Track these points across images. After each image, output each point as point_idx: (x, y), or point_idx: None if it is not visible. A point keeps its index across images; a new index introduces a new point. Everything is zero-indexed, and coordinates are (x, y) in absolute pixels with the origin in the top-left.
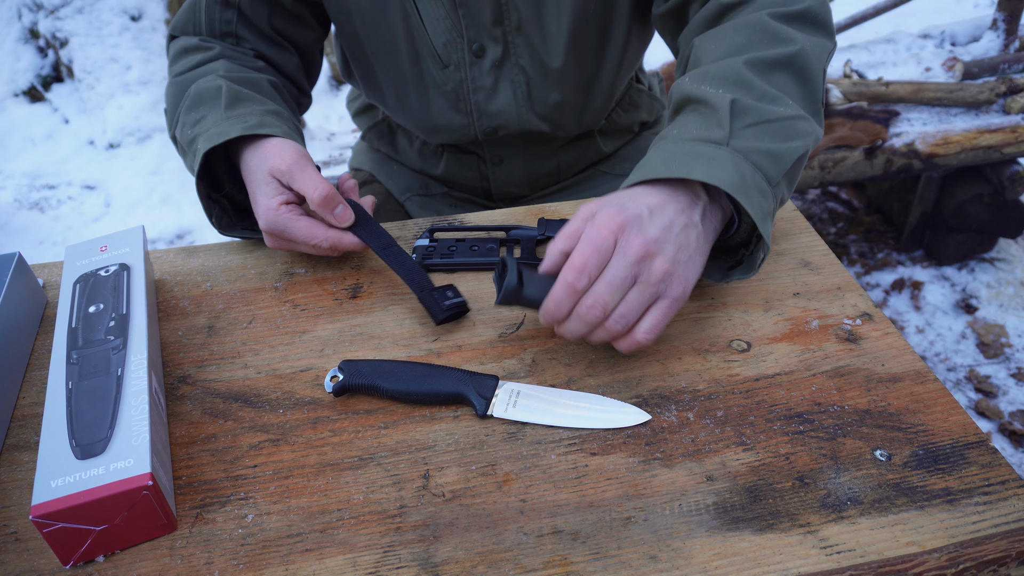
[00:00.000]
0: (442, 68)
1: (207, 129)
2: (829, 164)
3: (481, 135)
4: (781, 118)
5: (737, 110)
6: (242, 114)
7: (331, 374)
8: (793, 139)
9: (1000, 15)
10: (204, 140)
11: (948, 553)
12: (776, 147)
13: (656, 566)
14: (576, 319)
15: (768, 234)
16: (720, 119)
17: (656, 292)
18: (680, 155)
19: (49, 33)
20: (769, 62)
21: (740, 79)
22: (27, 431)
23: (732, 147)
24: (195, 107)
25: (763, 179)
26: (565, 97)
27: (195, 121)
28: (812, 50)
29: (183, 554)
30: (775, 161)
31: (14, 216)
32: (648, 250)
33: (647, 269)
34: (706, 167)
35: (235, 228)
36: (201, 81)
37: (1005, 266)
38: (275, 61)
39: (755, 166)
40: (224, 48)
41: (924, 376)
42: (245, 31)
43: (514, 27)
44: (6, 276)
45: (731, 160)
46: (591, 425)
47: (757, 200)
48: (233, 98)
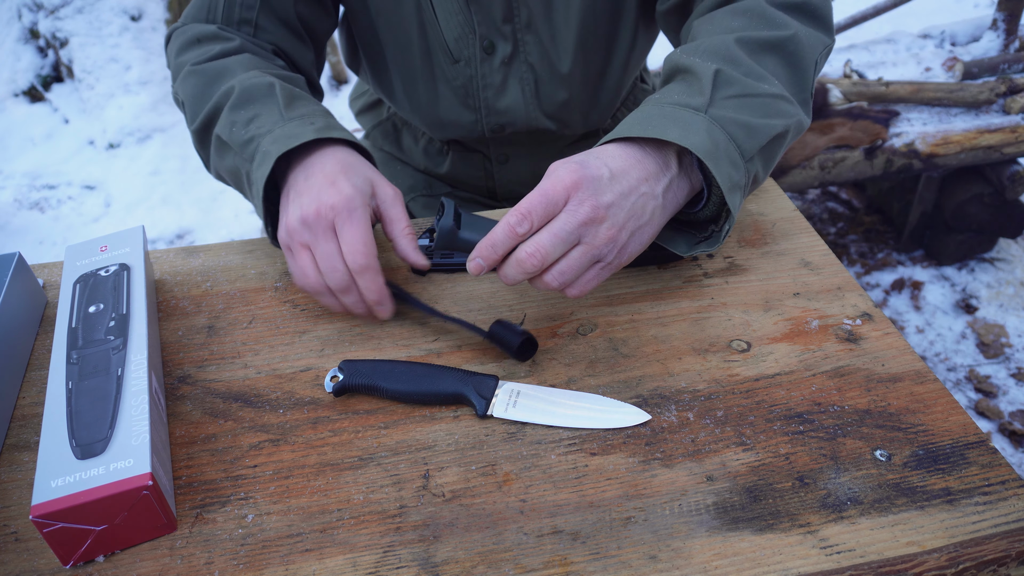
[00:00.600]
0: (452, 63)
1: (270, 129)
2: (829, 164)
3: (488, 132)
4: (764, 95)
5: (720, 80)
6: (305, 115)
7: (331, 374)
8: (773, 117)
9: (1000, 15)
10: (272, 141)
11: (948, 553)
12: (754, 121)
13: (656, 566)
14: (514, 264)
15: (736, 207)
16: (702, 87)
17: (597, 256)
18: (657, 117)
19: (49, 33)
20: (760, 43)
21: (729, 55)
22: (27, 431)
23: (710, 115)
24: (244, 104)
25: (736, 151)
26: (572, 96)
27: (248, 120)
28: (806, 39)
29: (183, 554)
30: (751, 134)
31: (14, 216)
32: (597, 214)
33: (592, 232)
34: (680, 130)
35: None
36: (246, 76)
37: (1005, 266)
38: (292, 56)
39: (730, 136)
40: (244, 41)
41: (924, 376)
42: (266, 19)
43: (524, 24)
44: (6, 276)
45: (706, 126)
46: (591, 425)
47: (727, 169)
48: (289, 97)
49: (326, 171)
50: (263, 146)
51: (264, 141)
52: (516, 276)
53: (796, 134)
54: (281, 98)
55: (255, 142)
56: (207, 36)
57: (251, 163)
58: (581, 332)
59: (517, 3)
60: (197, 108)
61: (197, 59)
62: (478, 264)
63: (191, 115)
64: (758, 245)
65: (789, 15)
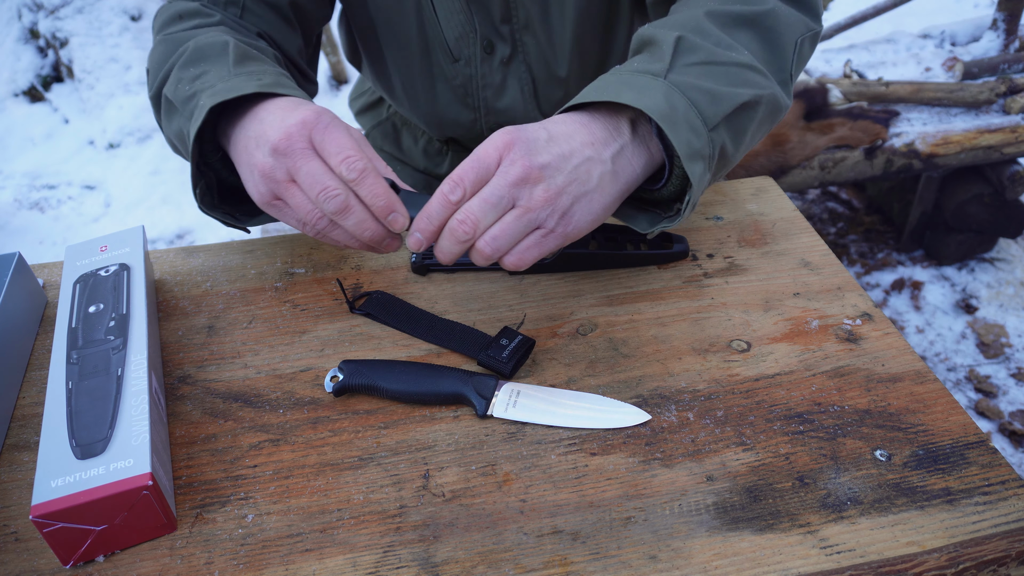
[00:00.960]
0: (452, 62)
1: (212, 84)
2: (829, 164)
3: (487, 131)
4: (730, 63)
5: (683, 47)
6: (254, 71)
7: (331, 374)
8: (740, 86)
9: (1000, 15)
10: (210, 95)
11: (948, 553)
12: (719, 88)
13: (656, 566)
14: (447, 234)
15: (696, 177)
16: (663, 53)
17: (535, 220)
18: (614, 84)
19: (49, 33)
20: (732, 16)
21: (697, 26)
22: (27, 431)
23: (669, 80)
24: (194, 62)
25: (697, 117)
26: (570, 95)
27: (194, 77)
28: (785, 16)
29: (183, 554)
30: (714, 101)
31: (14, 216)
32: (530, 174)
33: (527, 194)
34: (635, 93)
35: (216, 209)
36: (201, 36)
37: (1005, 266)
38: (279, 42)
39: (691, 102)
40: (226, 18)
41: (924, 376)
42: (254, 2)
43: (522, 25)
44: (6, 276)
45: (664, 90)
46: (591, 425)
47: (686, 135)
48: (242, 55)
49: (280, 107)
50: (199, 98)
51: (203, 95)
52: (451, 248)
53: (771, 111)
54: (233, 55)
55: (196, 97)
56: (189, 12)
57: (189, 120)
58: (581, 332)
59: (515, 4)
60: (155, 74)
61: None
62: (416, 239)
63: (151, 83)
64: (758, 245)
65: None
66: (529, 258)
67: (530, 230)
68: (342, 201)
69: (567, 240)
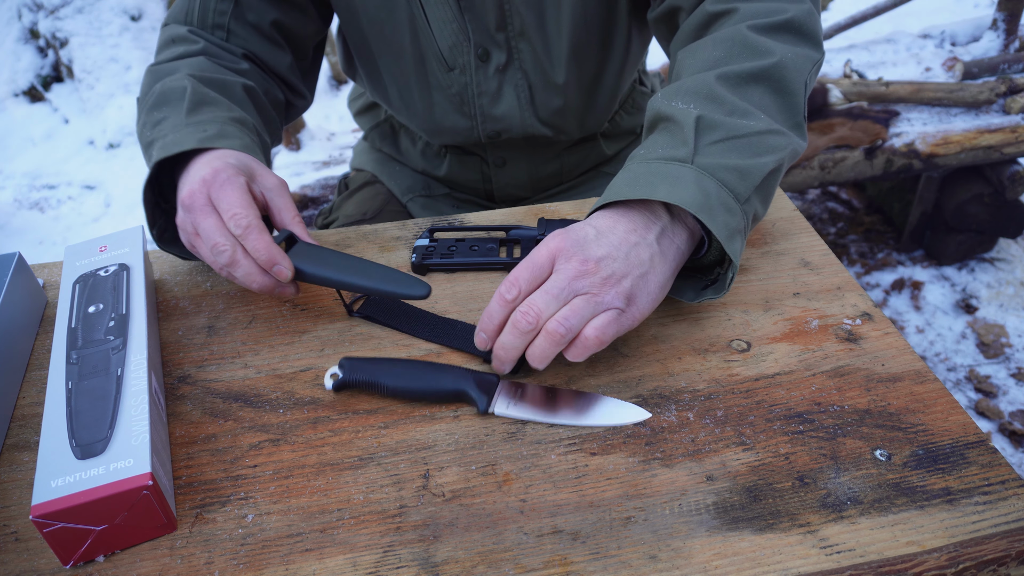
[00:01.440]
0: (447, 71)
1: (164, 135)
2: (829, 164)
3: (485, 138)
4: (750, 133)
5: (703, 126)
6: (202, 121)
7: (331, 372)
8: (763, 154)
9: (1000, 15)
10: (160, 148)
11: (948, 553)
12: (744, 163)
13: (656, 566)
14: (509, 328)
15: (736, 253)
16: (685, 136)
17: (603, 304)
18: (644, 176)
19: (49, 33)
20: (743, 76)
21: (711, 93)
22: (27, 431)
23: (696, 164)
24: (157, 107)
25: (730, 196)
26: (568, 102)
27: (155, 122)
28: (792, 62)
29: (183, 554)
30: (743, 177)
31: (14, 216)
32: (587, 267)
33: (588, 283)
34: (668, 187)
35: (175, 244)
36: (168, 80)
37: (1005, 266)
38: (266, 60)
39: (721, 183)
40: (210, 45)
41: (924, 376)
42: (237, 25)
43: (517, 32)
44: (6, 276)
45: (695, 178)
46: (592, 423)
47: (723, 218)
48: (197, 102)
49: (201, 162)
50: (153, 149)
51: (156, 146)
52: (512, 341)
53: (791, 161)
54: (188, 102)
55: (152, 147)
56: (179, 38)
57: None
58: None
59: (510, 11)
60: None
61: (160, 60)
62: (482, 338)
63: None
64: (758, 245)
65: (772, 38)
66: (609, 334)
67: (601, 311)
68: (229, 256)
69: (636, 323)
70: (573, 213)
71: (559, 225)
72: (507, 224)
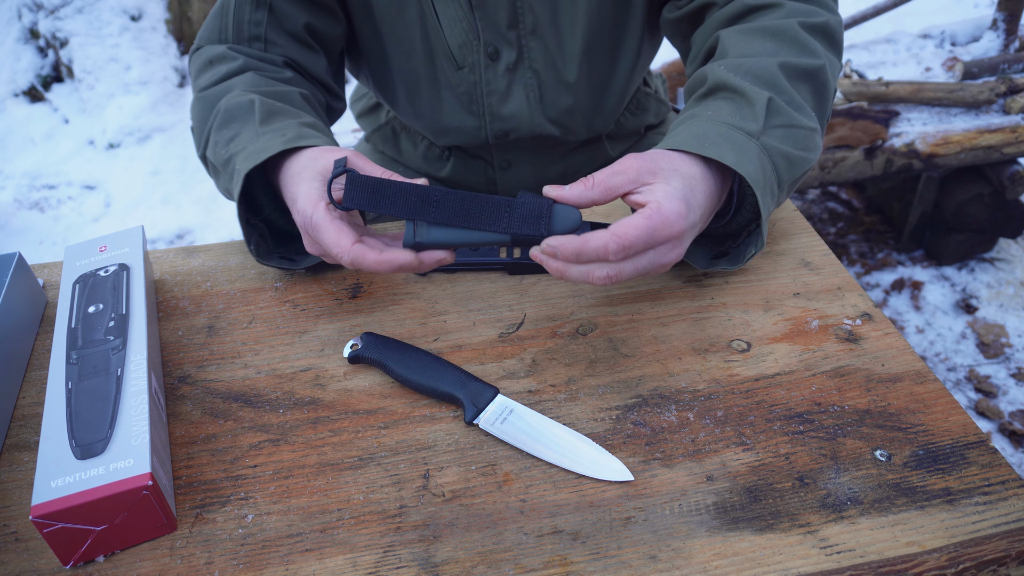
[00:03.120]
0: (456, 69)
1: (244, 147)
2: (829, 164)
3: (492, 138)
4: (804, 127)
5: (772, 108)
6: (279, 128)
7: (352, 342)
8: (809, 150)
9: (1000, 15)
10: (243, 159)
11: (948, 553)
12: (795, 153)
13: (656, 566)
14: (584, 273)
15: (764, 235)
16: (756, 113)
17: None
18: (713, 136)
19: (49, 33)
20: (799, 71)
21: (773, 81)
22: (27, 431)
23: (761, 143)
24: (227, 124)
25: (776, 181)
26: (577, 102)
27: (228, 139)
28: (831, 68)
29: (183, 554)
30: (790, 166)
31: (14, 216)
32: (677, 253)
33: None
34: (736, 154)
35: (272, 256)
36: (230, 96)
37: (1005, 266)
38: (305, 65)
39: (774, 166)
40: (250, 59)
41: (924, 376)
42: (275, 34)
43: (528, 30)
44: (6, 276)
45: (758, 154)
46: (571, 468)
47: (769, 202)
48: (267, 112)
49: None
50: (237, 164)
51: (238, 159)
52: (577, 278)
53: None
54: (259, 114)
55: (232, 161)
56: (217, 57)
57: (232, 181)
58: (581, 332)
59: (522, 9)
60: (199, 135)
61: (204, 84)
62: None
63: (196, 142)
64: None
65: (816, 39)
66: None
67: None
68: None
69: None
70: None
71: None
72: None
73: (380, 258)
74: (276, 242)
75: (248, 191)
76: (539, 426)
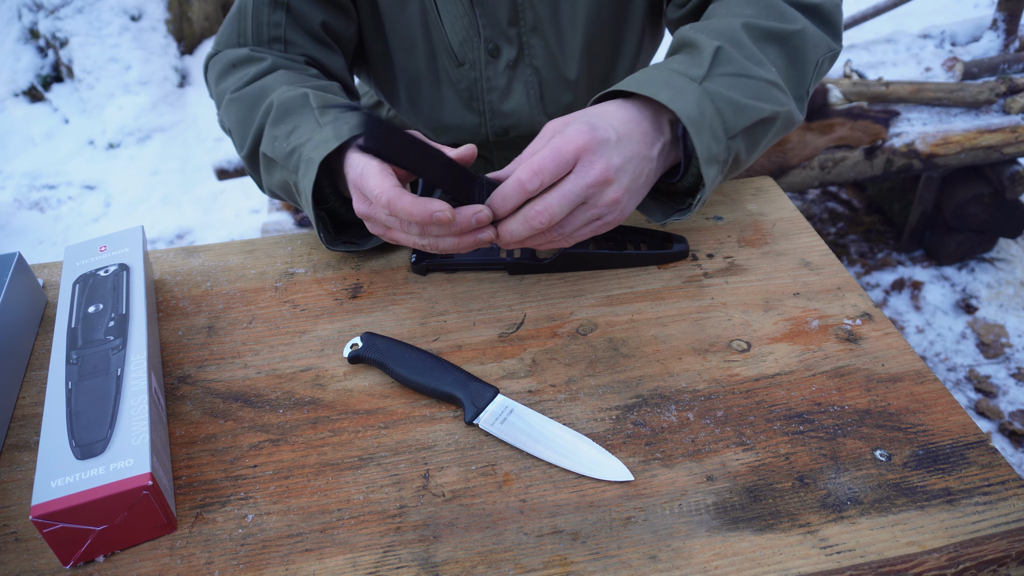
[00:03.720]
0: (457, 66)
1: (309, 137)
2: (829, 164)
3: (492, 136)
4: (758, 78)
5: (720, 58)
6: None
7: (352, 342)
8: (763, 100)
9: (1000, 15)
10: (311, 148)
11: (948, 553)
12: (744, 101)
13: (656, 566)
14: (521, 219)
15: (710, 179)
16: (702, 60)
17: (597, 215)
18: (654, 79)
19: (49, 33)
20: (766, 32)
21: (734, 37)
22: (27, 431)
23: (704, 87)
24: (283, 118)
25: (721, 126)
26: (577, 99)
27: (288, 133)
28: (812, 37)
29: (183, 554)
30: (738, 112)
31: (14, 216)
32: (607, 176)
33: (600, 194)
34: (671, 94)
35: (338, 242)
36: (280, 92)
37: (1005, 266)
38: (325, 64)
39: (718, 111)
40: (276, 57)
41: (924, 376)
42: (294, 34)
43: (529, 28)
44: (6, 276)
45: (697, 97)
46: (571, 468)
47: (708, 141)
48: (323, 105)
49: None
50: (305, 154)
51: (305, 149)
52: (520, 231)
53: (785, 126)
54: (315, 106)
55: (296, 152)
56: (241, 60)
57: (296, 173)
58: (581, 332)
59: (523, 6)
60: (244, 134)
61: (235, 85)
62: (485, 215)
63: (239, 142)
64: (758, 245)
65: (800, 12)
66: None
67: (591, 221)
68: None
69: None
70: None
71: None
72: None
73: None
74: (337, 230)
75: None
76: (539, 426)
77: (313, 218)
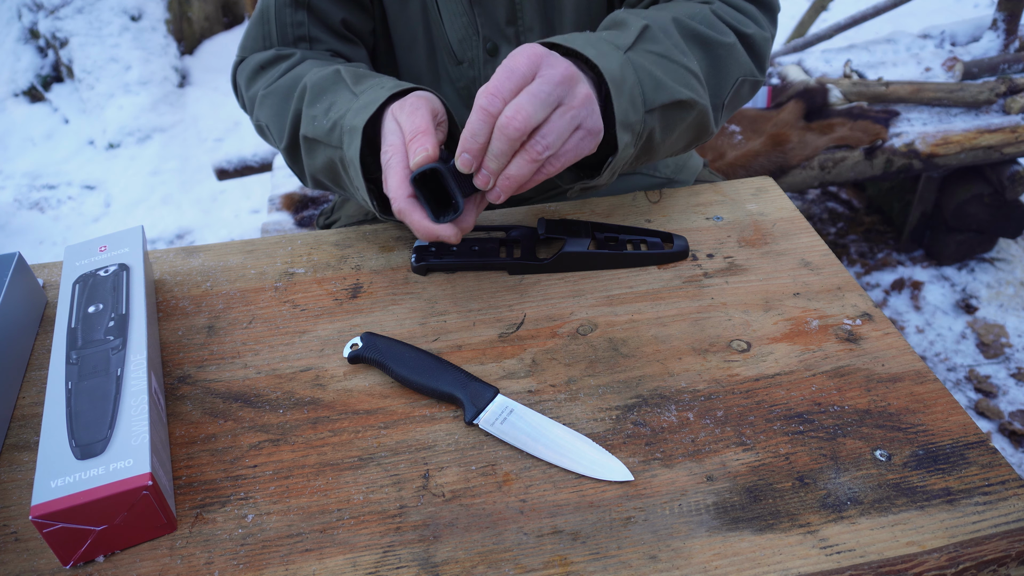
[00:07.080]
0: (456, 64)
1: (348, 108)
2: (829, 164)
3: None
4: (681, 64)
5: (647, 36)
6: (375, 83)
7: (351, 342)
8: (682, 85)
9: (1000, 15)
10: (352, 116)
11: (948, 553)
12: (665, 79)
13: (656, 566)
14: (498, 135)
15: (623, 145)
16: (629, 35)
17: (577, 117)
18: (582, 40)
19: (49, 33)
20: (694, 32)
21: (663, 26)
22: (27, 431)
23: (628, 56)
24: (318, 98)
25: (640, 95)
26: None
27: (326, 110)
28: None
29: (183, 554)
30: (657, 87)
31: (14, 216)
32: (571, 73)
33: (571, 92)
34: (597, 52)
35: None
36: (311, 75)
37: (1005, 266)
38: (350, 58)
39: (639, 81)
40: (303, 53)
41: (924, 376)
42: (318, 31)
43: (527, 27)
44: (6, 276)
45: (621, 62)
46: (571, 468)
47: (626, 106)
48: (356, 76)
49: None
50: (347, 124)
51: (345, 120)
52: (503, 147)
53: (701, 123)
54: (348, 79)
55: (338, 126)
56: (269, 60)
57: (341, 147)
58: (581, 332)
59: (521, 6)
60: (281, 124)
61: (267, 83)
62: (465, 159)
63: (277, 133)
64: (758, 245)
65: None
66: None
67: (573, 129)
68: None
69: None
70: (573, 213)
71: (560, 226)
72: (507, 224)
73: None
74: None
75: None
76: (539, 426)
77: (364, 189)
